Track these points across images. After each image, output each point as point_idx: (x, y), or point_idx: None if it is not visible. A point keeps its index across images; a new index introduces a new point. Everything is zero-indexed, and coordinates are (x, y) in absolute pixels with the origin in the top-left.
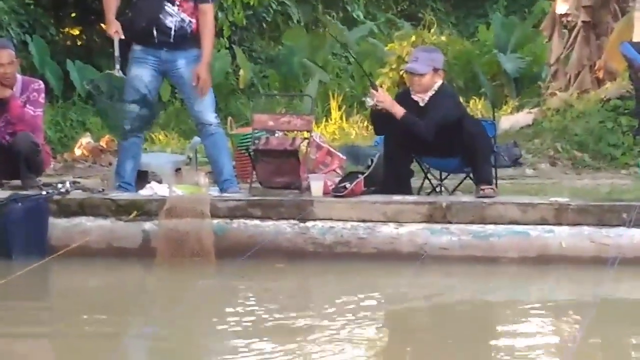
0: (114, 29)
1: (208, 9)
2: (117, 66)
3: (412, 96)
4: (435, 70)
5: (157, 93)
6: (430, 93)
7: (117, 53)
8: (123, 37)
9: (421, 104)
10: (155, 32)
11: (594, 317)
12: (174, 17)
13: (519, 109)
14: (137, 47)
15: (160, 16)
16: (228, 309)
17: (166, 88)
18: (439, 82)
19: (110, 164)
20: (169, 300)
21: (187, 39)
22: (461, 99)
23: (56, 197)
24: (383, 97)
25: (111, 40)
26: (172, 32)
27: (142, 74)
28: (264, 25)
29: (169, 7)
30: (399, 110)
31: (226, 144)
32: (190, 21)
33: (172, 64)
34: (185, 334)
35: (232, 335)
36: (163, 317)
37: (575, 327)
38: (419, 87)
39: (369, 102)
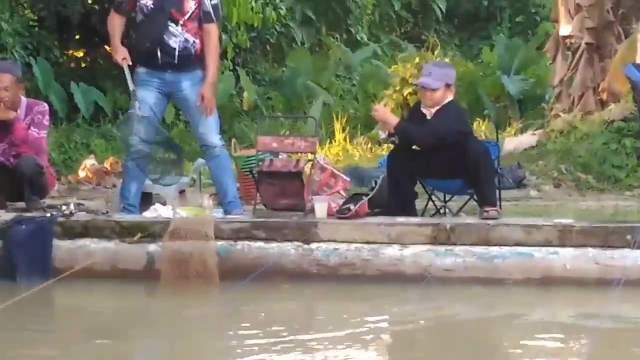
0: (122, 56)
1: (212, 29)
2: (137, 104)
3: (422, 109)
4: (448, 85)
5: (162, 115)
6: (438, 107)
7: (131, 86)
8: (131, 63)
9: (428, 117)
10: (159, 53)
11: (598, 339)
12: (177, 37)
13: (522, 130)
14: (141, 70)
15: (164, 36)
16: (231, 332)
17: (170, 110)
18: (449, 97)
19: (114, 185)
20: (172, 323)
21: (192, 60)
22: None
23: (60, 219)
24: (379, 113)
25: (116, 63)
26: (176, 53)
27: (147, 97)
28: (268, 47)
29: (172, 28)
30: (392, 120)
31: (230, 165)
32: (194, 41)
33: (177, 86)
34: (188, 357)
35: (235, 359)
36: (166, 341)
37: (579, 349)
38: (430, 102)
39: (382, 135)
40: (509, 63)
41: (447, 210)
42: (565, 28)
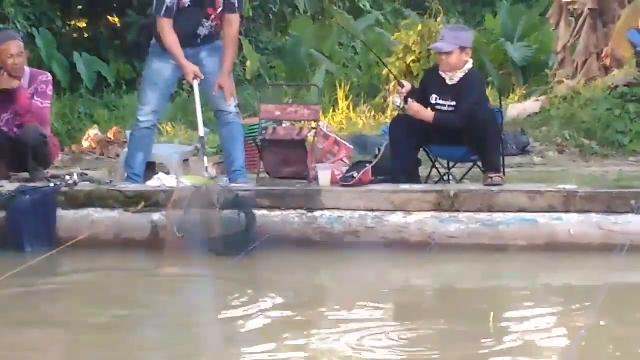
0: (193, 73)
1: (234, 19)
2: (206, 162)
3: (440, 73)
4: (462, 48)
5: (174, 87)
6: (460, 74)
7: (202, 131)
8: (203, 76)
9: (448, 82)
10: (185, 39)
11: (602, 304)
12: (206, 28)
13: (526, 97)
14: (160, 44)
15: (197, 30)
16: (235, 302)
17: None
18: (469, 62)
19: (117, 155)
20: (176, 292)
21: (211, 37)
22: None
23: (64, 189)
24: (413, 108)
25: (119, 32)
26: (201, 38)
27: (164, 69)
28: (271, 16)
29: (205, 22)
30: (428, 115)
31: (242, 135)
32: (216, 24)
33: (195, 58)
34: (192, 325)
35: (238, 327)
36: (170, 309)
37: (583, 314)
38: (447, 66)
39: (397, 102)
40: (512, 30)
41: (451, 177)
42: None
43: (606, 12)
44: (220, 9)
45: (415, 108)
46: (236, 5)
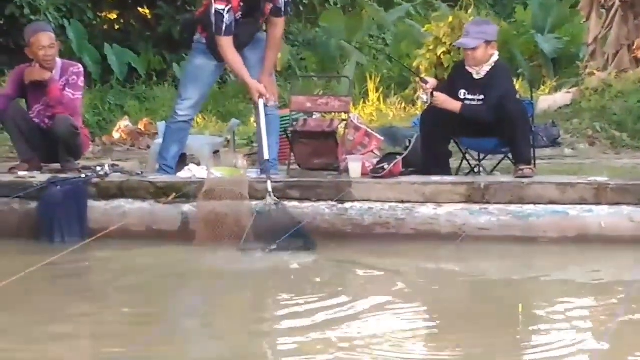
0: (257, 93)
1: (280, 23)
2: (269, 187)
3: (467, 67)
4: (488, 42)
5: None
6: (487, 68)
7: (267, 154)
8: (267, 95)
9: (475, 76)
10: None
11: (633, 297)
12: (255, 32)
13: (557, 89)
14: (205, 40)
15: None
16: (266, 291)
17: None
18: (494, 55)
19: (148, 146)
20: (206, 283)
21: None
22: None
23: (95, 180)
24: (440, 99)
25: (150, 24)
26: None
27: (207, 65)
28: (301, 7)
29: (254, 29)
30: (455, 106)
31: (278, 127)
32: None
33: (239, 51)
34: (223, 316)
35: (268, 316)
36: (201, 301)
37: (614, 307)
38: (473, 61)
39: (424, 98)
40: (542, 22)
41: (481, 169)
42: None
43: (637, 4)
44: (268, 16)
45: (442, 99)
46: (282, 9)
